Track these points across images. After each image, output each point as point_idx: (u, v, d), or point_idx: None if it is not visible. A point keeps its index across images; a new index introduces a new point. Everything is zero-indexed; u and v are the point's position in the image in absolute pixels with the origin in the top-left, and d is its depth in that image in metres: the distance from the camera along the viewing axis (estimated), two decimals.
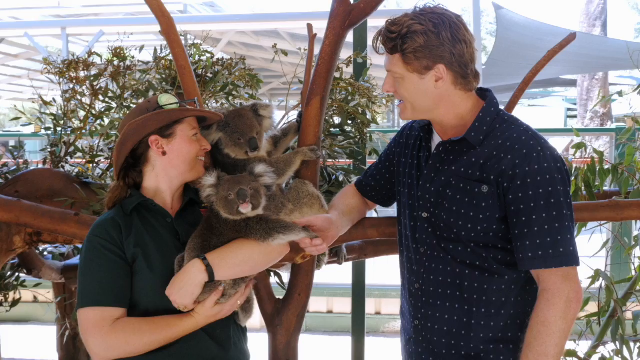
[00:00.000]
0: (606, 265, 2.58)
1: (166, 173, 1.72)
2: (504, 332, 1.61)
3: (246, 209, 1.60)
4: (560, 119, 16.02)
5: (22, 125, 2.79)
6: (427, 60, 1.57)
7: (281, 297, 2.14)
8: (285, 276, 2.25)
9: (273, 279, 2.37)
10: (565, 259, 1.51)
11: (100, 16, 11.34)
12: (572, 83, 13.40)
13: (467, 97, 1.65)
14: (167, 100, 1.68)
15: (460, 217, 1.61)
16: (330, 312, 4.95)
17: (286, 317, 2.08)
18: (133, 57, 2.66)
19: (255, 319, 1.91)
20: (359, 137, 2.53)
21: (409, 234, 1.75)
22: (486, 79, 8.49)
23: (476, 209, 1.59)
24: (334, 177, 2.43)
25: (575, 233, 1.60)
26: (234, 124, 1.85)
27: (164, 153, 1.69)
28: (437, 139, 1.73)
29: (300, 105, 2.07)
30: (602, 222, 2.45)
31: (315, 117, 1.99)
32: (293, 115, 2.30)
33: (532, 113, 17.16)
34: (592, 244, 2.61)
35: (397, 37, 1.57)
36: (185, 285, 1.57)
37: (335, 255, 2.52)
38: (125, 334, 1.58)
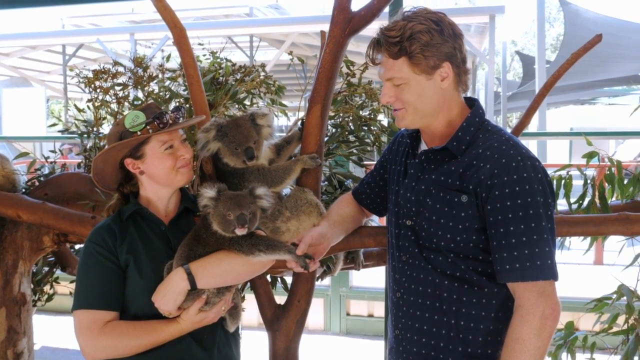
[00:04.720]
0: (638, 280, 2.43)
1: (151, 186, 1.79)
2: (482, 349, 1.56)
3: (242, 232, 1.62)
4: None
5: (58, 131, 2.94)
6: (435, 58, 1.55)
7: (282, 303, 2.15)
8: None
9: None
10: (542, 272, 1.45)
11: None
12: None
13: (459, 101, 1.64)
14: (132, 121, 1.71)
15: (440, 227, 1.57)
16: (370, 315, 4.91)
17: (285, 323, 2.08)
18: (161, 66, 2.76)
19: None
20: (374, 143, 2.50)
21: (394, 241, 1.73)
22: None
23: (456, 218, 1.55)
24: (343, 185, 2.42)
25: (557, 247, 1.53)
26: (232, 134, 1.87)
27: (141, 172, 1.76)
28: (423, 147, 1.70)
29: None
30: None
31: (316, 126, 1.99)
32: None
33: (611, 112, 16.29)
34: (623, 256, 2.46)
35: (400, 41, 1.54)
36: (168, 292, 1.62)
37: (352, 262, 2.51)
38: (114, 337, 1.65)
